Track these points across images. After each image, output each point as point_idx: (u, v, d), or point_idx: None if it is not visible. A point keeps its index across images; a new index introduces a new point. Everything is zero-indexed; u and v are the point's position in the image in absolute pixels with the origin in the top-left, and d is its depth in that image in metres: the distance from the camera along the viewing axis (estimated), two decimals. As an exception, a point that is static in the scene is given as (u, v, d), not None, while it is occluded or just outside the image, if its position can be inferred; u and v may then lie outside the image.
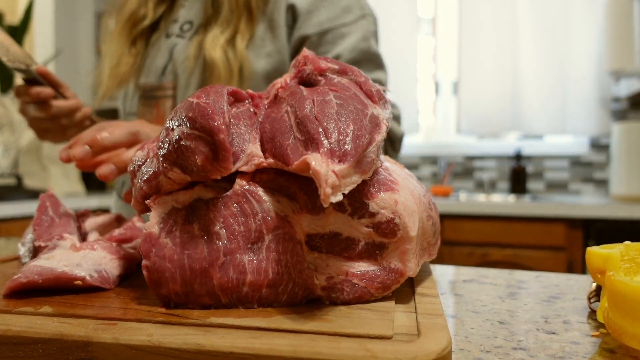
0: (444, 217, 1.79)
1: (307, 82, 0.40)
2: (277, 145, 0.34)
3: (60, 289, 0.38)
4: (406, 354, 0.25)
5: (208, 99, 0.34)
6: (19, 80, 2.21)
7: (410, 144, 2.38)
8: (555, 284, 0.50)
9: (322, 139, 0.32)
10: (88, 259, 0.40)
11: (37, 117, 0.69)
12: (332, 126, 0.32)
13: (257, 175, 0.36)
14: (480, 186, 2.29)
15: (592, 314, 0.39)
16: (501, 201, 1.79)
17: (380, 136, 0.34)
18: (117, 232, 0.46)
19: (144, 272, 0.33)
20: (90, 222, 0.53)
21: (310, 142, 0.32)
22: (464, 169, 2.32)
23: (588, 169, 2.18)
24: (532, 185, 2.24)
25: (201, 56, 0.75)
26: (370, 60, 0.78)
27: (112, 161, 0.54)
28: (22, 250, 0.49)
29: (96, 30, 2.56)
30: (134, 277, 0.44)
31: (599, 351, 0.31)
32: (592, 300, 0.41)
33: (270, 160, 0.35)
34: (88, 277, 0.38)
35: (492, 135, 2.27)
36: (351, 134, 0.32)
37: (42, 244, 0.44)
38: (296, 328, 0.29)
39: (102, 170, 0.52)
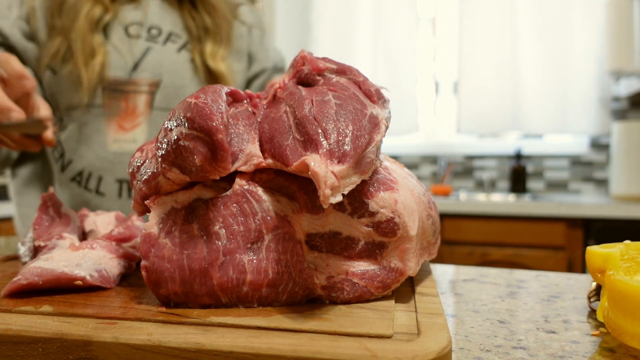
0: (444, 216, 1.79)
1: (305, 82, 0.40)
2: (276, 145, 0.34)
3: (60, 289, 0.38)
4: (406, 353, 0.25)
5: (206, 99, 0.34)
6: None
7: (410, 144, 2.38)
8: (555, 283, 0.50)
9: (321, 139, 0.32)
10: (87, 258, 0.40)
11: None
12: (331, 127, 0.32)
13: (257, 175, 0.36)
14: (480, 186, 2.29)
15: (592, 313, 0.39)
16: (501, 201, 1.79)
17: (379, 136, 0.34)
18: (116, 231, 0.46)
19: (143, 273, 0.33)
20: (90, 222, 0.53)
21: (309, 143, 0.32)
22: (464, 169, 2.32)
23: (588, 168, 2.18)
24: (532, 184, 2.24)
25: (201, 69, 0.89)
26: None
27: None
28: (22, 249, 0.49)
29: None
30: (134, 276, 0.44)
31: (599, 350, 0.31)
32: (592, 300, 0.41)
33: (270, 160, 0.35)
34: (88, 277, 0.38)
35: (492, 134, 2.27)
36: (350, 134, 0.32)
37: (42, 244, 0.44)
38: (296, 327, 0.29)
39: None
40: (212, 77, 0.90)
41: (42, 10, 0.86)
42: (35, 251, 0.46)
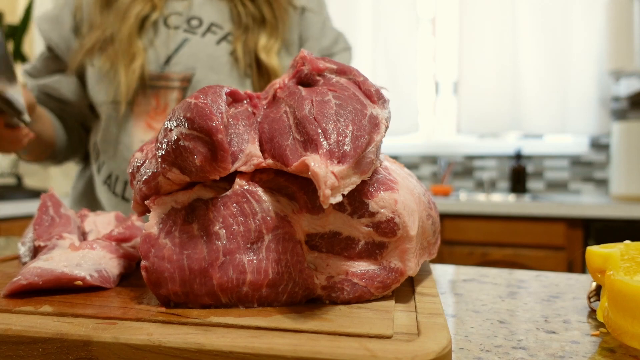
0: (444, 216, 1.79)
1: (305, 82, 0.40)
2: (276, 145, 0.34)
3: (60, 289, 0.38)
4: (406, 353, 0.25)
5: (206, 99, 0.34)
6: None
7: (410, 144, 2.37)
8: (555, 283, 0.50)
9: (321, 140, 0.32)
10: (87, 258, 0.40)
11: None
12: (331, 127, 0.32)
13: (257, 175, 0.36)
14: (480, 186, 2.29)
15: (592, 313, 0.39)
16: (501, 201, 1.79)
17: (379, 136, 0.34)
18: (116, 231, 0.46)
19: (143, 273, 0.33)
20: (90, 222, 0.53)
21: (309, 143, 0.32)
22: (464, 169, 2.32)
23: (588, 168, 2.18)
24: (532, 184, 2.24)
25: (244, 61, 0.81)
26: None
27: None
28: (22, 249, 0.49)
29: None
30: (134, 277, 0.44)
31: (599, 350, 0.31)
32: (592, 300, 0.41)
33: (270, 160, 0.35)
34: (88, 277, 0.38)
35: (492, 134, 2.27)
36: (350, 134, 0.32)
37: (42, 244, 0.44)
38: (296, 327, 0.29)
39: None
40: (262, 72, 0.81)
41: (88, 4, 0.82)
42: (35, 251, 0.46)
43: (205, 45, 0.81)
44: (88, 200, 0.90)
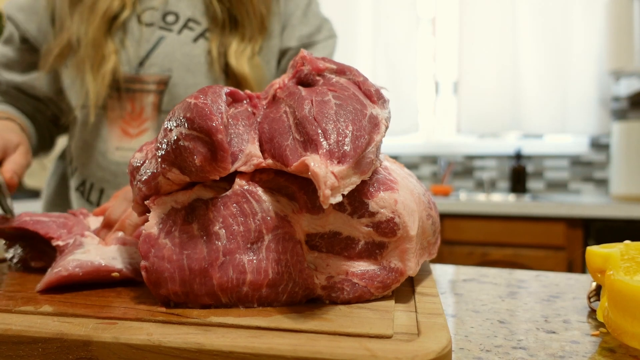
0: (444, 216, 1.79)
1: (305, 82, 0.40)
2: (276, 146, 0.34)
3: (72, 285, 0.39)
4: (406, 353, 0.25)
5: (206, 100, 0.34)
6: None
7: (410, 144, 2.37)
8: (555, 283, 0.50)
9: (321, 140, 0.32)
10: (121, 252, 0.42)
11: None
12: (331, 127, 0.32)
13: (257, 175, 0.36)
14: (480, 186, 2.29)
15: (592, 313, 0.39)
16: (501, 201, 1.79)
17: (379, 136, 0.34)
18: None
19: (143, 273, 0.33)
20: (92, 221, 0.53)
21: (309, 143, 0.32)
22: (464, 169, 2.32)
23: (588, 168, 2.18)
24: (532, 184, 2.24)
25: (218, 62, 0.76)
26: None
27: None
28: (12, 252, 0.50)
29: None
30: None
31: (599, 350, 0.31)
32: (592, 300, 0.41)
33: (269, 160, 0.35)
34: (125, 269, 0.40)
35: (492, 134, 2.27)
36: (350, 134, 0.32)
37: (61, 243, 0.44)
38: (296, 327, 0.29)
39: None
40: (231, 77, 0.76)
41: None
42: (43, 252, 0.46)
43: (182, 43, 0.75)
44: (62, 199, 0.86)
